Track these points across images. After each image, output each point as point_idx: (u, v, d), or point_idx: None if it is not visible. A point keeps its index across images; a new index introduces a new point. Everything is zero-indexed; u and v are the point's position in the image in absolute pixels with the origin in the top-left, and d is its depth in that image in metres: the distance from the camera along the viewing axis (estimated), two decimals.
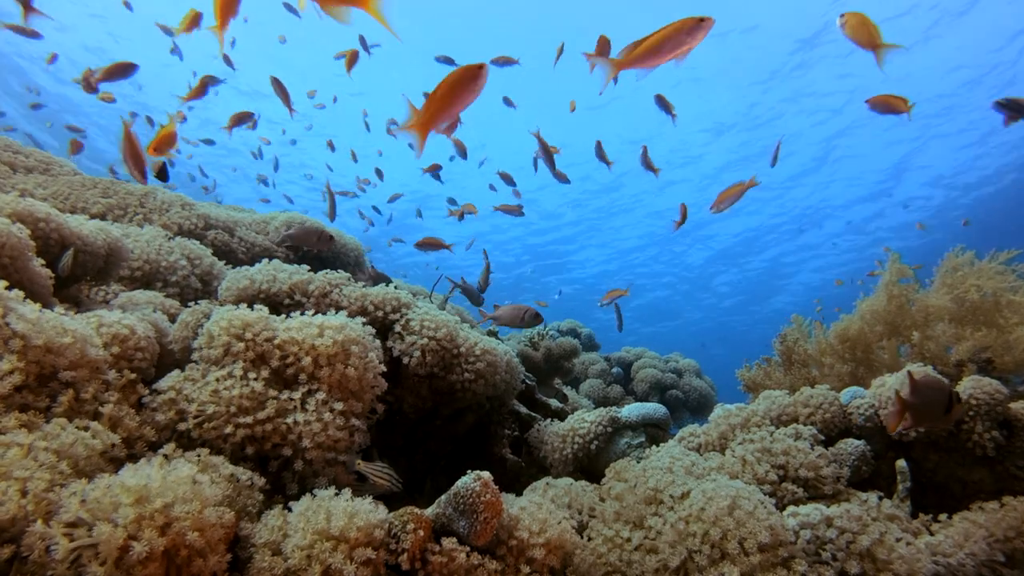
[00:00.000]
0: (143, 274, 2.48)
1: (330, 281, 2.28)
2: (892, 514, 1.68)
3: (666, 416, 2.60)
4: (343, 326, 1.77)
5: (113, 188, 3.17)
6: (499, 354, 2.46)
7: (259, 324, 1.72)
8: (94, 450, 1.25)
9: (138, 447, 1.44)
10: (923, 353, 2.49)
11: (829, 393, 2.17)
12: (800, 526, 1.55)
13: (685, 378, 5.06)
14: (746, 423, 2.14)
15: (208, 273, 2.76)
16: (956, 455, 2.02)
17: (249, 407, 1.57)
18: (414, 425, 2.42)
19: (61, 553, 0.93)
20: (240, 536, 1.26)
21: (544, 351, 3.95)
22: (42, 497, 1.02)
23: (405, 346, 2.22)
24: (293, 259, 3.57)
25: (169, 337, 1.90)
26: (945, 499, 2.02)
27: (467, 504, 1.36)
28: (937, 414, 1.74)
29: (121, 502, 1.02)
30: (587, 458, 2.49)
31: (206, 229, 3.30)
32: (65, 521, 0.99)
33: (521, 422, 2.80)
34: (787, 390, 2.58)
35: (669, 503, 1.71)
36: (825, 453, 1.93)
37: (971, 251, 2.59)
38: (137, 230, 2.71)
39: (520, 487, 2.28)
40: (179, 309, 2.21)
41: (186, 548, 1.06)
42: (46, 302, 1.77)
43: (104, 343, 1.56)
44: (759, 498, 1.59)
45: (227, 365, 1.65)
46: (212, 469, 1.38)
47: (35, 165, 3.20)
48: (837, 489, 1.85)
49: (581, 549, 1.62)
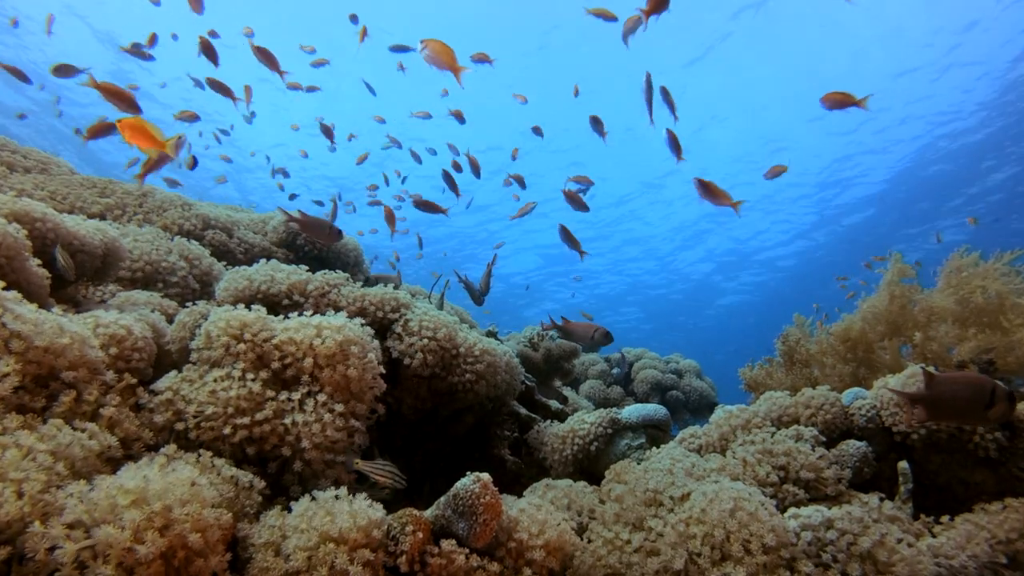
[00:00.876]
0: (142, 275, 2.49)
1: (328, 281, 2.29)
2: (894, 516, 1.68)
3: (667, 417, 2.60)
4: (342, 327, 1.77)
5: (111, 188, 3.18)
6: (499, 355, 2.46)
7: (257, 325, 1.72)
8: (91, 451, 1.25)
9: (136, 448, 1.44)
10: (925, 354, 2.49)
11: (830, 394, 2.17)
12: (801, 528, 1.55)
13: (686, 379, 5.06)
14: (747, 424, 2.14)
15: (206, 273, 2.76)
16: (958, 456, 2.02)
17: (247, 408, 1.57)
18: (413, 426, 2.42)
19: (68, 555, 0.94)
20: (239, 537, 1.26)
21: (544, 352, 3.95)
22: (39, 499, 1.03)
23: (404, 347, 2.22)
24: (292, 259, 3.57)
25: (167, 338, 1.90)
26: (947, 501, 2.02)
27: (466, 506, 1.36)
28: (972, 411, 1.70)
29: (119, 504, 1.03)
30: (587, 459, 2.49)
31: (204, 229, 3.30)
32: (65, 523, 0.99)
33: (521, 423, 2.80)
34: (789, 390, 2.58)
35: (670, 505, 1.72)
36: (826, 454, 1.93)
37: (976, 252, 2.58)
38: (135, 230, 2.72)
39: (520, 488, 2.29)
40: (177, 310, 2.21)
41: (185, 549, 1.06)
42: (43, 303, 1.77)
43: (101, 344, 1.56)
44: (760, 499, 1.59)
45: (225, 366, 1.66)
46: (212, 471, 1.38)
47: (33, 165, 3.21)
48: (839, 491, 1.85)
49: (581, 551, 1.62)
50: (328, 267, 2.53)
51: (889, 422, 2.09)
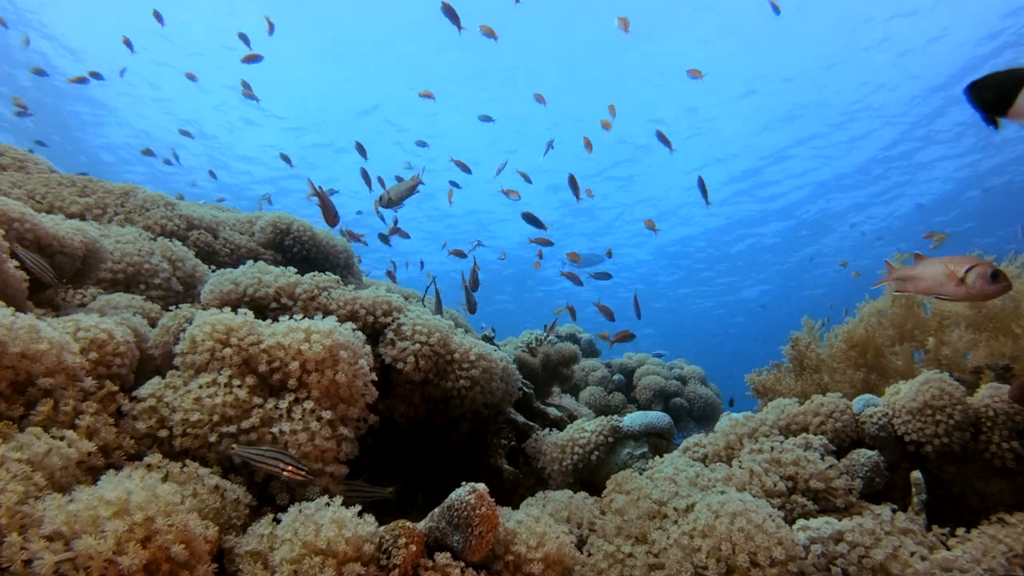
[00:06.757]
0: (124, 276, 2.49)
1: (318, 284, 2.29)
2: (906, 528, 1.69)
3: (670, 425, 2.60)
4: (331, 331, 1.77)
5: (91, 187, 3.18)
6: (495, 360, 2.46)
7: (244, 329, 1.72)
8: (70, 460, 1.25)
9: (117, 457, 1.44)
10: (939, 359, 2.51)
11: (840, 401, 2.18)
12: (810, 540, 1.56)
13: (690, 385, 5.07)
14: (754, 433, 2.15)
15: (191, 276, 2.76)
16: (974, 466, 2.04)
17: (233, 416, 1.58)
18: (406, 435, 2.42)
19: (47, 567, 0.94)
20: (224, 548, 1.27)
21: (542, 357, 3.95)
22: (16, 510, 1.03)
23: (397, 351, 2.22)
24: (280, 261, 3.57)
25: (149, 342, 1.90)
26: (962, 512, 2.03)
27: (461, 517, 1.36)
28: (943, 284, 1.76)
29: (100, 515, 1.03)
30: (587, 469, 2.49)
31: (189, 230, 3.30)
32: (44, 534, 0.99)
33: (518, 431, 2.81)
34: (798, 397, 2.59)
35: (674, 516, 1.72)
36: (836, 464, 1.94)
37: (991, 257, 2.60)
38: (117, 230, 2.72)
39: (517, 499, 2.29)
40: (160, 313, 2.21)
41: (169, 561, 1.06)
42: (21, 306, 1.77)
43: (81, 348, 1.56)
44: (767, 511, 1.59)
45: (211, 372, 1.66)
46: (197, 480, 1.38)
47: (10, 163, 3.21)
48: (849, 502, 1.85)
49: (581, 565, 1.63)
50: (317, 269, 2.53)
51: (901, 431, 2.10)
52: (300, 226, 3.66)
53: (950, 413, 2.00)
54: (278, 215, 3.72)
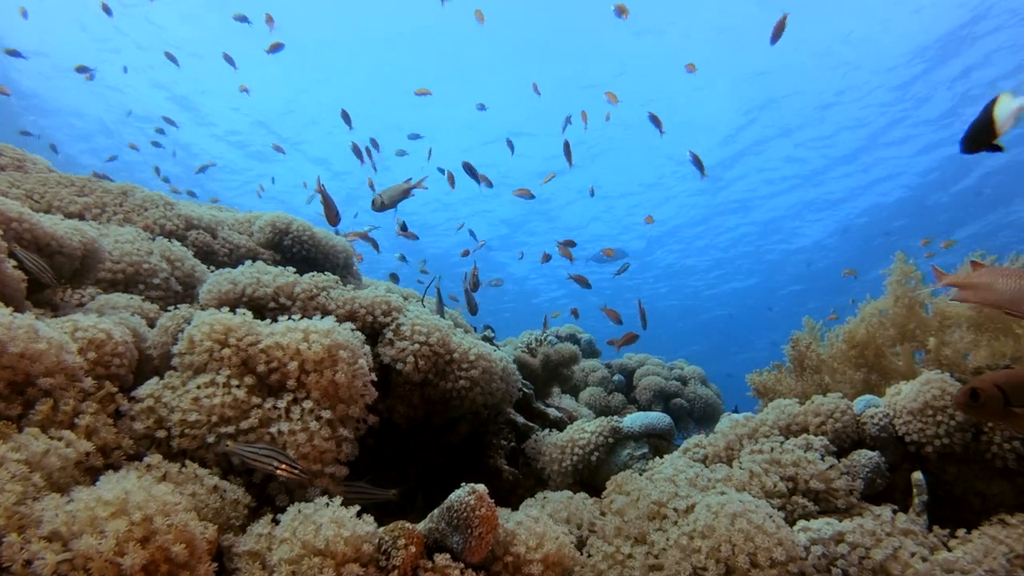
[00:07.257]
0: (123, 276, 2.49)
1: (317, 284, 2.29)
2: (907, 529, 1.69)
3: (670, 426, 2.60)
4: (330, 331, 1.77)
5: (90, 186, 3.18)
6: (494, 360, 2.47)
7: (242, 329, 1.73)
8: (68, 460, 1.25)
9: (115, 457, 1.44)
10: (940, 359, 2.51)
11: (841, 401, 2.18)
12: (811, 541, 1.56)
13: (690, 386, 5.07)
14: (754, 433, 2.15)
15: (189, 275, 2.76)
16: (975, 467, 2.04)
17: (232, 416, 1.58)
18: (405, 436, 2.42)
19: (48, 567, 0.94)
20: (223, 547, 1.27)
21: (542, 357, 3.95)
22: (14, 511, 1.03)
23: (396, 352, 2.22)
24: (279, 261, 3.57)
25: (148, 342, 1.91)
26: (963, 513, 2.03)
27: (461, 518, 1.37)
28: None
29: (99, 515, 1.03)
30: (587, 470, 2.49)
31: (187, 229, 3.30)
32: (42, 535, 0.99)
33: (518, 432, 2.81)
34: (799, 397, 2.59)
35: (673, 517, 1.72)
36: (837, 465, 1.94)
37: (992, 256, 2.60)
38: (116, 229, 2.72)
39: (516, 500, 2.29)
40: (159, 313, 2.22)
41: (168, 562, 1.06)
42: (19, 306, 1.77)
43: (79, 348, 1.56)
44: (767, 512, 1.59)
45: (209, 372, 1.66)
46: (194, 481, 1.38)
47: (8, 162, 3.21)
48: (850, 503, 1.86)
49: (580, 566, 1.63)
50: (317, 269, 2.53)
51: (902, 431, 2.10)
52: (299, 226, 3.66)
53: (951, 414, 2.01)
54: (277, 215, 3.72)
